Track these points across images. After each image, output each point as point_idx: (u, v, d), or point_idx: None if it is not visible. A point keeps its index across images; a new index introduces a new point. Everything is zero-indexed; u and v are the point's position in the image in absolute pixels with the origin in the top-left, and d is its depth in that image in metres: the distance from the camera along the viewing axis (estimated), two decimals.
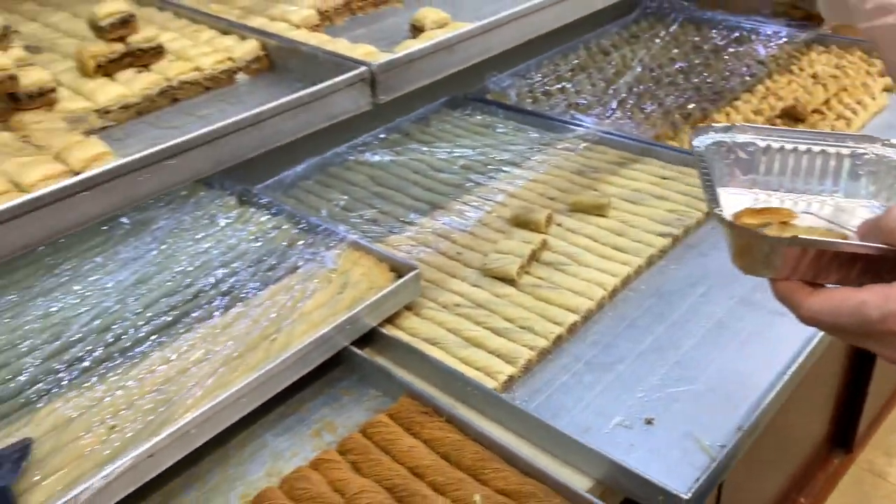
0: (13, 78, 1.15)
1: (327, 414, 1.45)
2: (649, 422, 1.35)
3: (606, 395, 1.42)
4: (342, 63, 1.29)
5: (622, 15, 3.18)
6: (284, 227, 1.81)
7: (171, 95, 1.34)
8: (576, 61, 2.82)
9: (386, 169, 2.19)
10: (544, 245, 1.77)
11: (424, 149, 2.27)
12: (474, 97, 2.54)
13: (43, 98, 1.20)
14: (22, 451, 1.23)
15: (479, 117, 2.45)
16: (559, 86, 2.62)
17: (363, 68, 1.26)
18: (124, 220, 1.83)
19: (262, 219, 1.85)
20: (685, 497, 1.15)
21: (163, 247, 1.77)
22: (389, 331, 1.54)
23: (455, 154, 2.23)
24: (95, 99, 1.25)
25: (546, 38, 1.73)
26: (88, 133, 1.16)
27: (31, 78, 1.19)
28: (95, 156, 1.06)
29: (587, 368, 1.48)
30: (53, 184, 1.00)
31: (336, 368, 1.53)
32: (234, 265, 1.68)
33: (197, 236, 1.80)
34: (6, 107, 1.18)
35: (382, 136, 2.36)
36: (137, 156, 1.03)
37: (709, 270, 1.74)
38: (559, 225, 1.87)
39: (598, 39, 3.01)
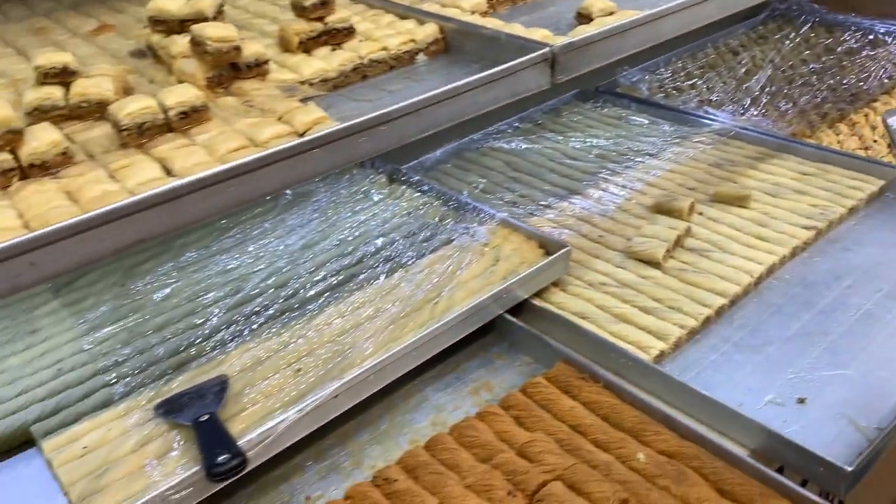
0: (238, 49, 1.30)
1: (483, 375, 1.54)
2: (801, 401, 1.38)
3: (756, 374, 1.46)
4: (524, 45, 1.38)
5: (749, 16, 3.17)
6: (434, 204, 1.92)
7: (362, 72, 1.46)
8: (704, 60, 2.84)
9: (521, 156, 2.27)
10: (688, 232, 1.81)
11: (559, 138, 2.35)
12: (605, 90, 2.60)
13: (258, 69, 1.34)
14: (221, 385, 1.37)
15: (610, 109, 2.51)
16: (690, 82, 2.65)
17: (546, 49, 1.35)
18: (287, 191, 1.98)
19: (413, 196, 1.96)
20: (848, 469, 1.19)
21: (324, 217, 1.91)
22: (540, 303, 1.62)
23: (589, 143, 2.30)
24: (300, 71, 1.39)
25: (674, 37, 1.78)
26: (302, 101, 1.29)
27: (250, 50, 1.33)
28: (316, 119, 1.19)
29: (735, 349, 1.53)
30: (284, 142, 1.12)
31: (488, 335, 1.63)
32: (391, 235, 1.80)
33: (354, 209, 1.93)
34: (228, 75, 1.32)
35: (516, 125, 2.45)
36: (357, 120, 1.15)
37: (853, 265, 1.75)
38: (700, 214, 1.91)
39: (725, 39, 3.02)
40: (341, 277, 1.67)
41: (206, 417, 1.27)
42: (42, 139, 1.07)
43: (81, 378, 1.45)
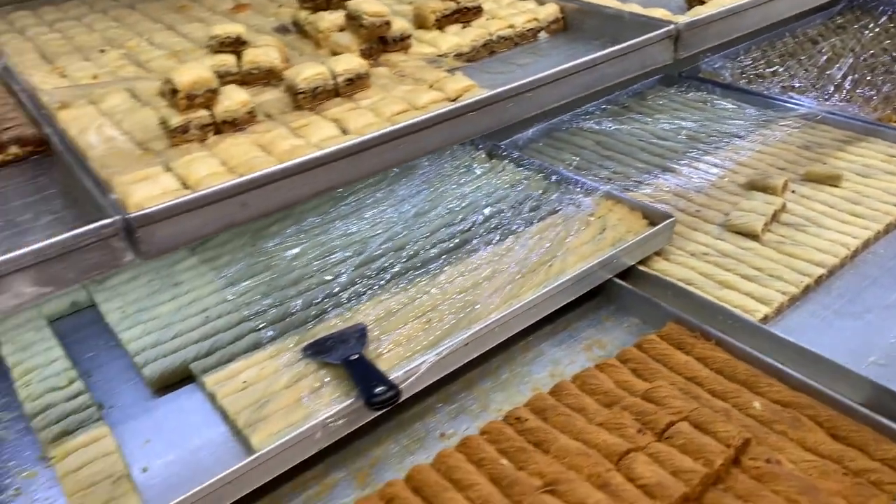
0: (388, 23, 1.42)
1: (593, 334, 1.65)
2: None
3: (857, 338, 1.54)
4: (648, 22, 1.48)
5: (826, 6, 3.21)
6: (535, 178, 2.03)
7: (490, 48, 1.57)
8: (783, 48, 2.90)
9: (611, 136, 2.37)
10: (783, 208, 1.89)
11: (646, 119, 2.44)
12: (688, 76, 2.68)
13: (403, 43, 1.46)
14: (361, 331, 1.50)
15: (694, 94, 2.59)
16: (771, 70, 2.72)
17: (671, 27, 1.45)
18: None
19: (514, 170, 2.08)
20: None
21: (431, 189, 2.03)
22: (646, 269, 1.72)
23: (677, 125, 2.38)
24: (438, 46, 1.51)
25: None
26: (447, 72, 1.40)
27: (397, 25, 1.45)
28: (466, 87, 1.30)
29: (835, 316, 1.61)
30: (440, 107, 1.24)
31: (595, 298, 1.73)
32: (498, 206, 1.91)
33: (459, 182, 2.05)
34: (377, 48, 1.44)
35: (603, 107, 2.54)
36: (506, 87, 1.26)
37: None
38: (793, 192, 1.99)
39: (803, 28, 3.07)
40: (456, 242, 1.79)
41: (355, 357, 1.40)
42: (234, 98, 1.20)
43: (229, 324, 1.59)
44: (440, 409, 1.49)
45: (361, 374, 1.35)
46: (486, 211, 1.89)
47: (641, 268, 1.72)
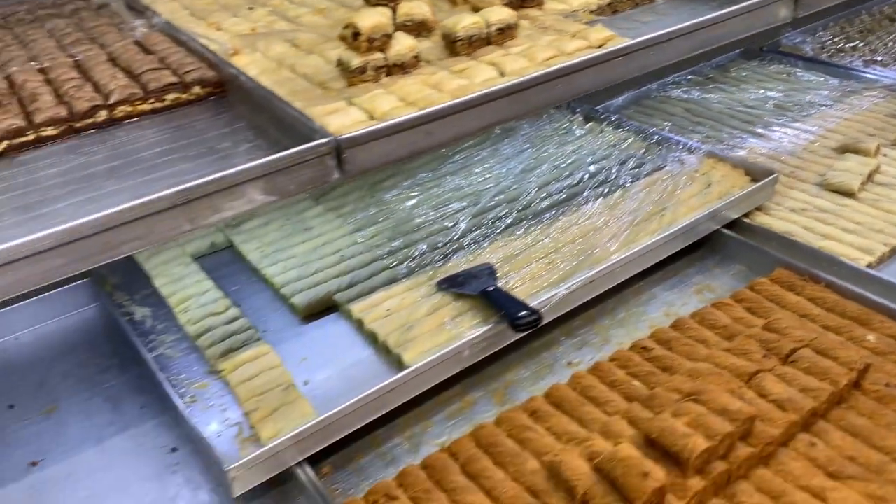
0: None
1: (702, 280, 1.75)
2: None
3: None
4: None
5: None
6: (635, 138, 2.13)
7: (614, 7, 1.68)
8: (861, 25, 2.96)
9: (699, 104, 2.46)
10: (877, 169, 1.98)
11: (732, 89, 2.52)
12: (770, 49, 2.75)
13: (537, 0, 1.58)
14: (489, 269, 1.62)
15: (776, 67, 2.67)
16: (851, 45, 2.79)
17: None
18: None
19: (613, 132, 2.18)
20: None
21: (534, 148, 2.15)
22: (751, 221, 1.81)
23: (764, 95, 2.47)
24: (570, 3, 1.62)
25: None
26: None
27: None
28: (608, 37, 1.41)
29: None
30: (585, 54, 1.36)
31: (700, 249, 1.83)
32: (602, 163, 2.02)
33: (561, 142, 2.16)
34: (515, 2, 1.56)
35: (689, 77, 2.64)
36: (648, 36, 1.37)
37: None
38: (885, 155, 2.07)
39: (879, 7, 3.12)
40: (566, 195, 1.90)
41: (491, 288, 1.52)
42: (404, 43, 1.33)
43: (363, 263, 1.72)
44: (564, 342, 1.61)
45: (502, 303, 1.47)
46: (592, 168, 2.00)
47: (746, 220, 1.82)
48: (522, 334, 1.46)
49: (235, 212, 1.05)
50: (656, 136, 2.10)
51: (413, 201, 1.94)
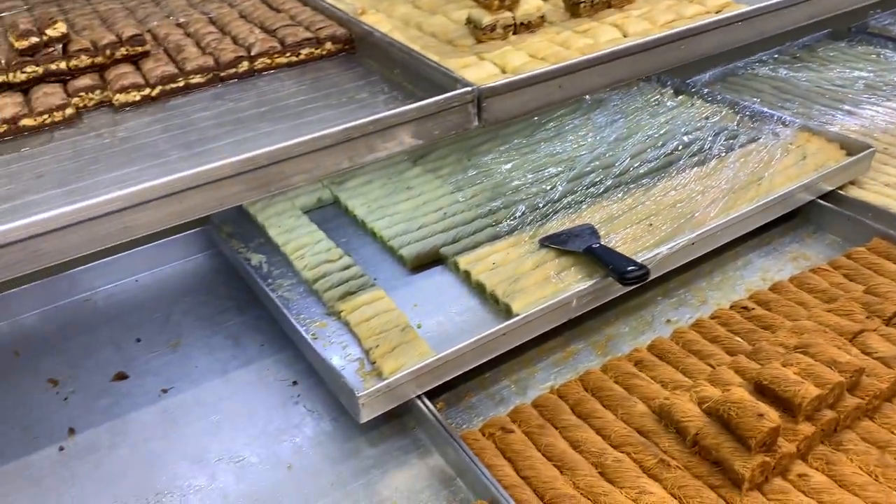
0: None
1: (797, 248, 1.79)
2: None
3: None
4: None
5: None
6: (728, 112, 2.16)
7: None
8: None
9: (787, 82, 2.47)
10: None
11: (820, 68, 2.53)
12: (858, 30, 2.74)
13: None
14: (591, 228, 1.68)
15: (864, 48, 2.66)
16: None
17: None
18: (587, 96, 2.28)
19: (705, 105, 2.22)
20: None
21: (627, 118, 2.19)
22: (846, 193, 1.84)
23: (853, 74, 2.47)
24: None
25: None
26: None
27: None
28: (724, 3, 1.46)
29: None
30: (704, 18, 1.40)
31: (793, 219, 1.87)
32: (696, 134, 2.06)
33: (652, 113, 2.21)
34: None
35: (775, 56, 2.65)
36: (766, 3, 1.41)
37: None
38: None
39: None
40: (661, 162, 1.95)
41: (597, 245, 1.58)
42: (532, 3, 1.39)
43: (466, 220, 1.80)
44: (661, 301, 1.67)
45: (609, 258, 1.53)
46: (686, 138, 2.04)
47: (841, 192, 1.84)
48: (629, 288, 1.52)
49: (388, 153, 1.13)
50: (749, 110, 2.13)
51: (509, 165, 2.01)
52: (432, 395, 1.42)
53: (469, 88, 1.16)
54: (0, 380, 1.57)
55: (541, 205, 1.82)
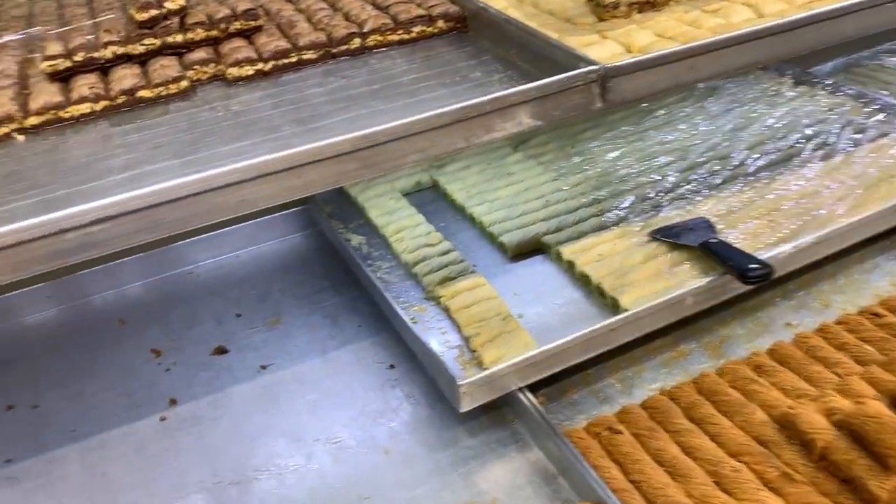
0: None
1: None
2: None
3: None
4: None
5: None
6: (854, 104, 2.01)
7: None
8: None
9: None
10: None
11: None
12: None
13: None
14: (706, 222, 1.59)
15: None
16: None
17: None
18: (699, 84, 2.17)
19: (828, 96, 2.07)
20: None
21: (743, 108, 2.07)
22: None
23: None
24: None
25: None
26: None
27: None
28: None
29: None
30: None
31: None
32: (820, 126, 1.92)
33: (770, 104, 2.07)
34: None
35: None
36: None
37: None
38: None
39: None
40: (782, 155, 1.83)
41: (714, 240, 1.49)
42: None
43: (569, 208, 1.73)
44: (780, 303, 1.56)
45: (729, 255, 1.44)
46: (809, 131, 1.91)
47: None
48: (751, 287, 1.43)
49: (505, 133, 1.08)
50: (879, 102, 1.97)
51: (616, 153, 1.93)
52: (533, 388, 1.37)
53: (594, 67, 1.10)
54: (106, 348, 1.61)
55: (651, 195, 1.74)
